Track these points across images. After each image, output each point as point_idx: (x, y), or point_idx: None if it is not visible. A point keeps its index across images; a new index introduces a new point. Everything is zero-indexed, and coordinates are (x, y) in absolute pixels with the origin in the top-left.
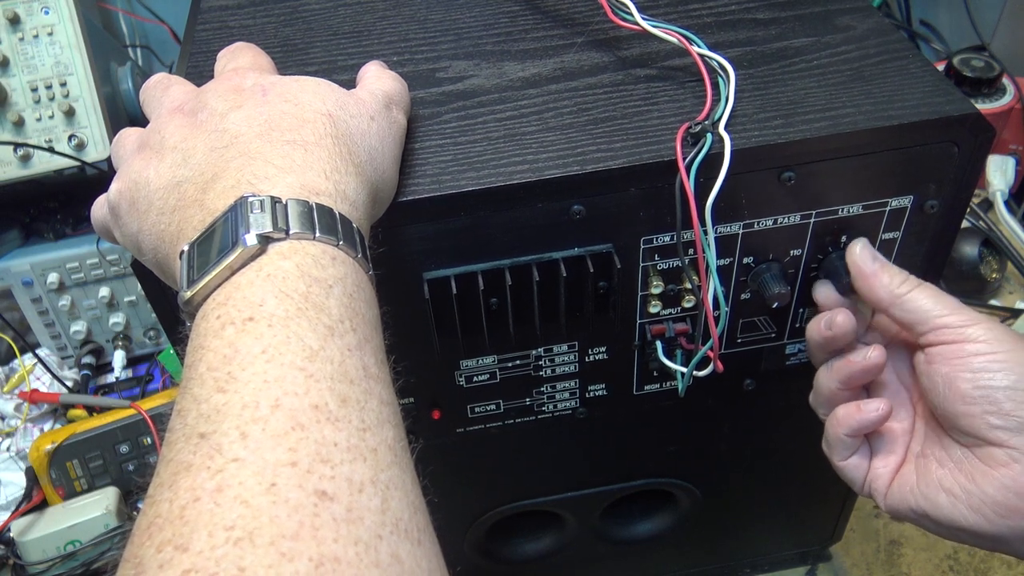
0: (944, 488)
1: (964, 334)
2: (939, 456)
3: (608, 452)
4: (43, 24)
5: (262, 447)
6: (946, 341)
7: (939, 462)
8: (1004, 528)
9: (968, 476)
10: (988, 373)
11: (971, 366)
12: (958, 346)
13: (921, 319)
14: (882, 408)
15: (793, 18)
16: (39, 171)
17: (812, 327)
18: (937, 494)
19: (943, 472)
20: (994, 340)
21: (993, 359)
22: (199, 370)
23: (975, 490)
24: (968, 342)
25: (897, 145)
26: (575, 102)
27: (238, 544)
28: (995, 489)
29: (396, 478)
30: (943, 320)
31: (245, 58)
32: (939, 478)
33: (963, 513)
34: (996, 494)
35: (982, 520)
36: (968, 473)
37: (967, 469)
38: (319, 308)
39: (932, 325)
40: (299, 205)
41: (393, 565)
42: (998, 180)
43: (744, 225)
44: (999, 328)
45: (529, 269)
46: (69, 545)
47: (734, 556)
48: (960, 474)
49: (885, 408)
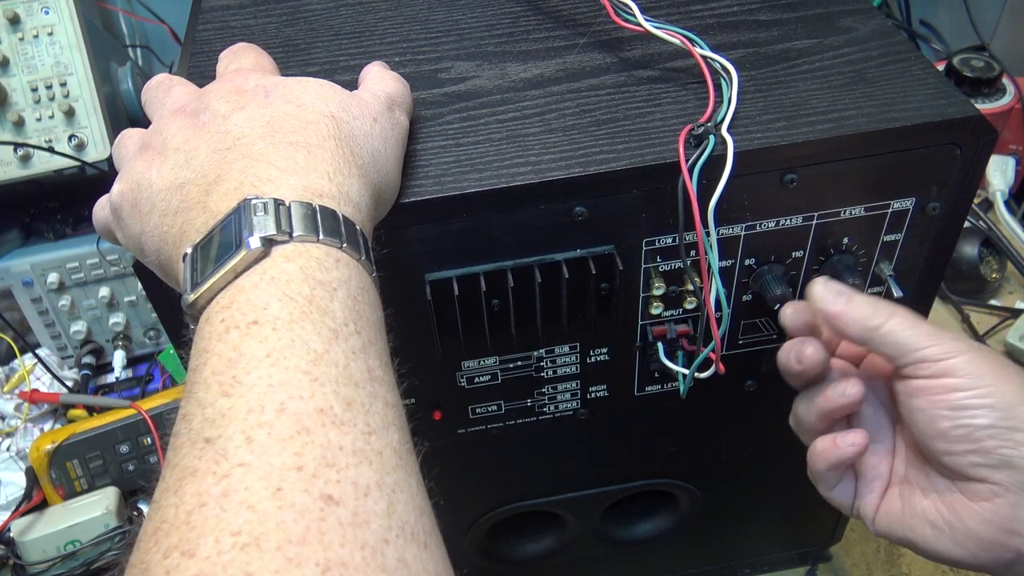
0: (928, 520)
1: (945, 368)
2: (923, 484)
3: (609, 453)
4: (43, 24)
5: (268, 451)
6: (926, 375)
7: (923, 491)
8: (987, 560)
9: (951, 509)
10: (969, 411)
11: (951, 403)
12: (938, 381)
13: (900, 352)
14: (858, 442)
15: (795, 20)
16: (39, 171)
17: (782, 357)
18: (922, 526)
19: (927, 504)
20: (975, 374)
21: (973, 395)
22: (203, 374)
23: (958, 524)
24: (948, 376)
25: (899, 147)
26: (577, 103)
27: (245, 549)
28: (977, 524)
29: (402, 481)
30: (922, 353)
31: (247, 59)
32: (923, 510)
33: (947, 546)
34: (979, 528)
35: (966, 553)
36: (951, 506)
37: (949, 502)
38: (323, 311)
39: (912, 359)
40: (302, 207)
41: (400, 569)
42: (998, 180)
43: (746, 227)
44: (980, 358)
45: (531, 270)
46: (69, 545)
47: (734, 556)
48: (943, 506)
49: (861, 441)
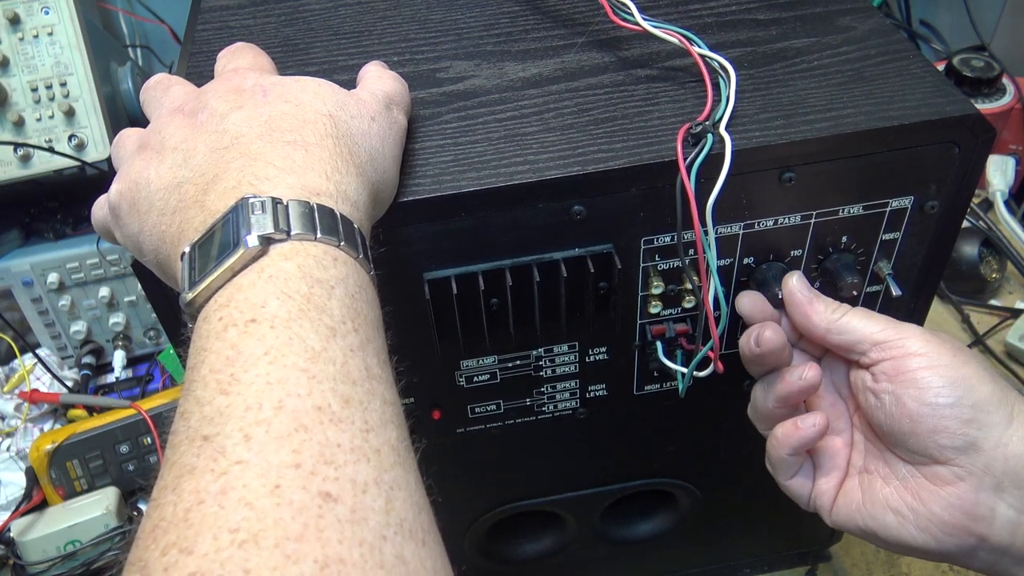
0: (891, 507)
1: (903, 347)
2: (883, 473)
3: (608, 452)
4: (43, 24)
5: (266, 449)
6: (888, 357)
7: (884, 479)
8: (951, 546)
9: (914, 495)
10: (933, 389)
11: (916, 382)
12: (900, 361)
13: (858, 339)
14: (819, 423)
15: (794, 19)
16: (39, 171)
17: (743, 342)
18: (884, 514)
19: (889, 491)
20: (933, 352)
21: (935, 372)
22: (201, 372)
23: (922, 509)
24: (909, 355)
25: (898, 146)
26: (576, 102)
27: (243, 546)
28: (941, 508)
29: (400, 478)
30: (880, 335)
31: (245, 58)
32: (885, 497)
33: (911, 532)
34: (943, 513)
35: (930, 539)
36: (914, 492)
37: (913, 487)
38: (321, 309)
39: (871, 342)
40: (300, 206)
41: (398, 566)
42: (998, 180)
43: (745, 225)
44: (936, 338)
45: (530, 269)
46: (69, 545)
47: (734, 556)
48: (906, 493)
49: (822, 422)
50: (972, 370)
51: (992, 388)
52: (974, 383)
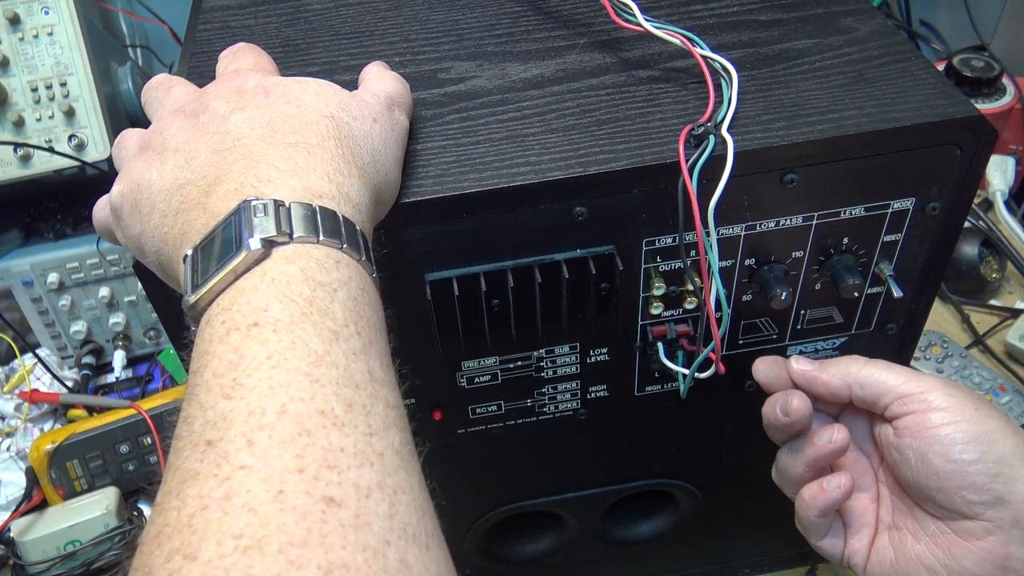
0: (924, 564)
1: (926, 402)
2: (913, 529)
3: (609, 453)
4: (43, 24)
5: (269, 454)
6: (910, 411)
7: (914, 536)
8: None
9: (946, 551)
10: (957, 445)
11: (940, 439)
12: (923, 416)
13: (880, 392)
14: (844, 483)
15: (795, 20)
16: (39, 171)
17: (768, 411)
18: (918, 571)
19: (920, 547)
20: (956, 407)
21: (958, 428)
22: (204, 376)
23: (954, 565)
24: (931, 411)
25: (899, 147)
26: (577, 103)
27: (247, 552)
28: (973, 563)
29: (403, 482)
30: (902, 389)
31: (247, 59)
32: (917, 554)
33: None
34: (975, 568)
35: None
36: (945, 548)
37: (944, 544)
38: (324, 312)
39: (894, 395)
40: (302, 208)
41: (402, 571)
42: (998, 180)
43: (746, 227)
44: (957, 391)
45: (531, 270)
46: (69, 545)
47: (734, 556)
48: (938, 549)
49: (847, 483)
50: (995, 424)
51: (1015, 441)
52: (997, 437)
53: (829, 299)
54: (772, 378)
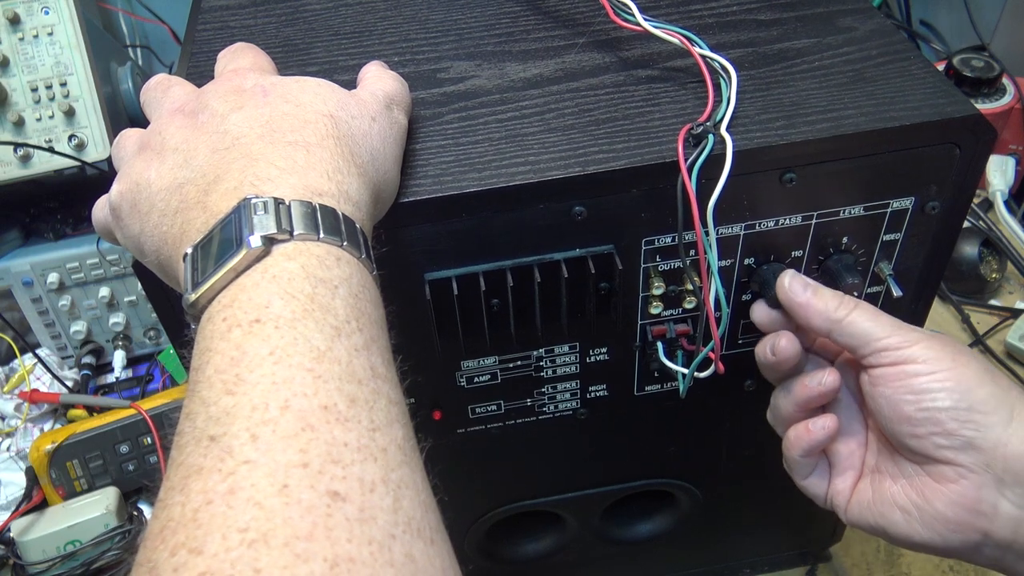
0: (898, 505)
1: (904, 355)
2: (892, 472)
3: (609, 453)
4: (43, 24)
5: (273, 449)
6: (887, 363)
7: (892, 478)
8: (956, 542)
9: (919, 492)
10: (930, 394)
11: (913, 388)
12: (899, 368)
13: (861, 342)
14: (829, 425)
15: (795, 19)
16: (39, 171)
17: (759, 351)
18: (892, 511)
19: (896, 488)
20: (934, 359)
21: (933, 379)
22: (206, 373)
23: (927, 507)
24: (908, 363)
25: (898, 147)
26: (577, 103)
27: (252, 546)
28: (945, 505)
29: (407, 477)
30: (883, 342)
31: (246, 59)
32: (893, 495)
33: (917, 529)
34: (946, 510)
35: (935, 536)
36: (919, 489)
37: (918, 485)
38: (325, 309)
39: (873, 348)
40: (302, 206)
41: (407, 565)
42: (998, 180)
43: (745, 226)
44: (939, 345)
45: (531, 270)
46: (69, 545)
47: (734, 556)
48: (912, 490)
49: (832, 425)
50: (972, 371)
51: (992, 389)
52: (972, 385)
53: None
54: (766, 320)
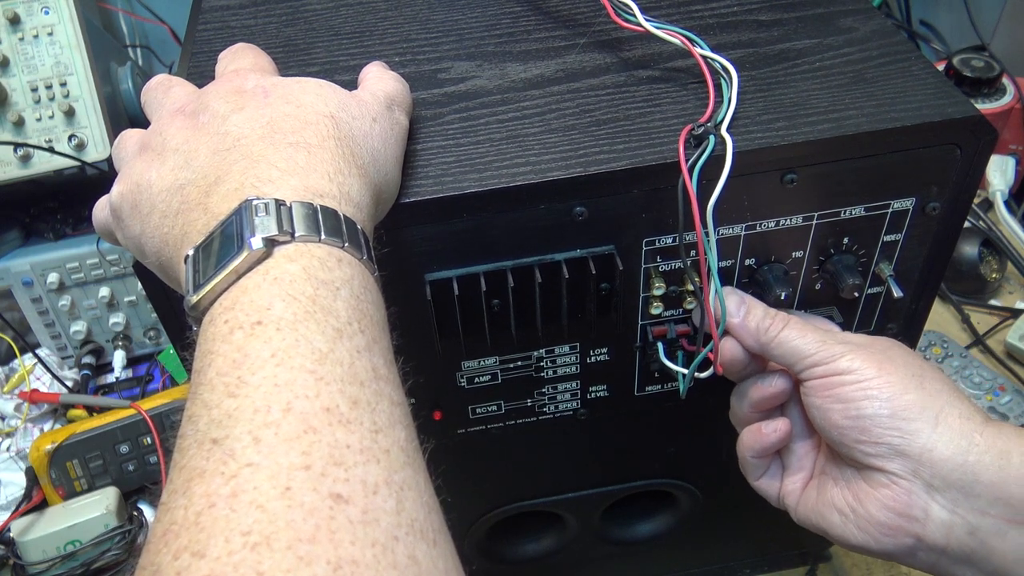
0: (836, 507)
1: (831, 368)
2: (835, 475)
3: (609, 453)
4: (43, 24)
5: (275, 451)
6: (816, 376)
7: (834, 481)
8: (890, 546)
9: (855, 495)
10: (855, 403)
11: (840, 397)
12: (827, 380)
13: (791, 360)
14: (780, 428)
15: (795, 20)
16: (39, 171)
17: None
18: (831, 513)
19: (836, 491)
20: (859, 369)
21: (858, 388)
22: (208, 375)
23: (860, 510)
24: (836, 374)
25: (899, 147)
26: (577, 103)
27: (255, 549)
28: (877, 509)
29: (410, 479)
30: (811, 359)
31: (246, 59)
32: (832, 497)
33: (852, 532)
34: (878, 514)
35: (869, 539)
36: (855, 493)
37: (854, 489)
38: (327, 311)
39: (803, 364)
40: (304, 207)
41: (410, 566)
42: (998, 180)
43: (746, 227)
44: (865, 355)
45: (531, 270)
46: (69, 545)
47: (734, 556)
48: (848, 493)
49: (784, 428)
50: (896, 378)
51: (917, 395)
52: (896, 391)
53: (829, 299)
54: None
